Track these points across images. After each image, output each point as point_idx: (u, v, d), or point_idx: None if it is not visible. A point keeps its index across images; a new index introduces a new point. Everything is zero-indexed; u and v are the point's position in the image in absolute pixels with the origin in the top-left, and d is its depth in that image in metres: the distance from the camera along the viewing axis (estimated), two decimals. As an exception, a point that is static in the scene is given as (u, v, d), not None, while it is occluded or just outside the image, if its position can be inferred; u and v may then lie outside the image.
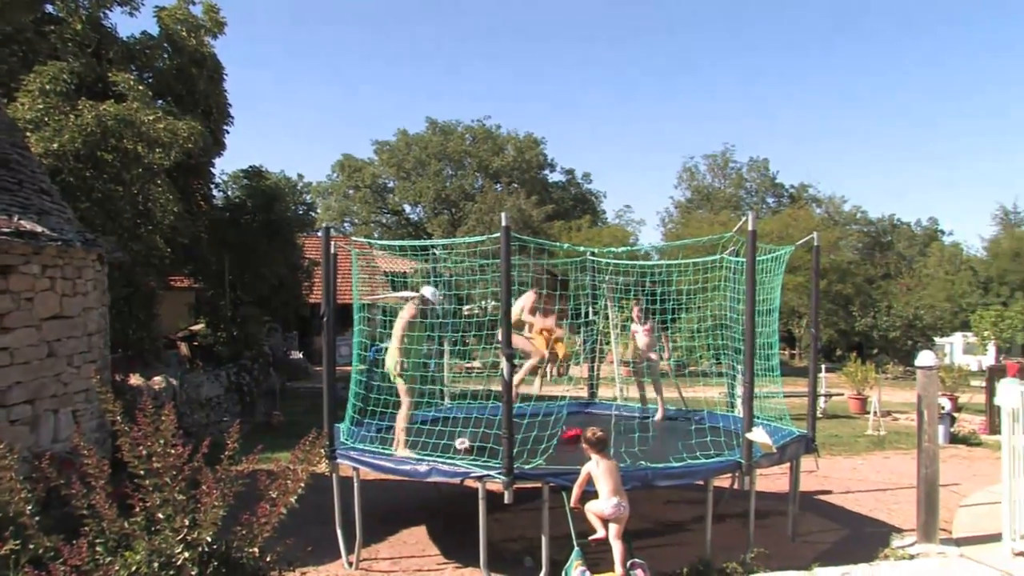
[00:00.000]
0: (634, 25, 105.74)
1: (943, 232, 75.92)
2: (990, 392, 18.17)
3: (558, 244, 14.04)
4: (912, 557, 7.99)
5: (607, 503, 7.04)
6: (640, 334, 11.43)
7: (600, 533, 7.12)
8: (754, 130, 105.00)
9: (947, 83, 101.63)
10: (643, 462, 8.18)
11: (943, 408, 16.36)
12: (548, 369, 10.61)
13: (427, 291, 9.20)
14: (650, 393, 11.77)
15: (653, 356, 11.44)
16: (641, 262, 12.75)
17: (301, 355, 29.49)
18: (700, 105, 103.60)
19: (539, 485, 7.60)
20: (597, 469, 7.14)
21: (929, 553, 8.04)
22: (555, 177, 63.67)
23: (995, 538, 7.99)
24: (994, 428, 16.42)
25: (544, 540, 7.46)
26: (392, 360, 8.82)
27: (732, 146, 72.65)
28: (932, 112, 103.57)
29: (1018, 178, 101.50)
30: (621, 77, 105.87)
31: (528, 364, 10.15)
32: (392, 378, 8.94)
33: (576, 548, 6.96)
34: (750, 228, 8.02)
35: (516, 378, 9.45)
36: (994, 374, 19.03)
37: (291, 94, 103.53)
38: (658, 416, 11.38)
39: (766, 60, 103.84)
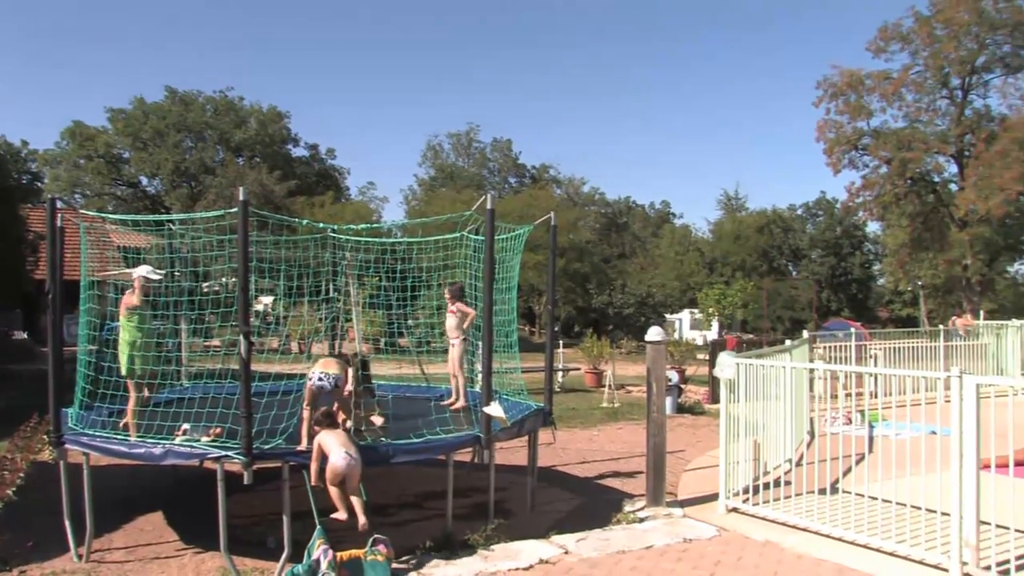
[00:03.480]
0: (383, 4, 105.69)
1: (674, 215, 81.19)
2: (712, 364, 19.51)
3: (299, 220, 13.86)
4: (642, 520, 8.51)
5: (337, 455, 7.11)
6: (449, 316, 10.58)
7: (342, 514, 7.15)
8: (498, 111, 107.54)
9: (678, 75, 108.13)
10: (383, 438, 8.27)
11: (671, 380, 17.51)
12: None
13: (143, 270, 8.81)
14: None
15: (455, 339, 10.62)
16: (384, 239, 12.75)
17: (26, 335, 27.73)
18: (446, 84, 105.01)
19: (279, 464, 7.55)
20: (327, 438, 7.25)
21: (657, 515, 8.60)
22: (299, 152, 62.75)
23: (714, 497, 8.67)
24: (715, 398, 17.62)
25: (285, 520, 7.40)
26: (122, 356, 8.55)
27: (477, 126, 73.95)
28: (665, 101, 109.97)
29: (740, 165, 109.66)
30: (368, 54, 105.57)
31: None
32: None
33: (319, 527, 6.94)
34: (489, 207, 8.26)
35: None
36: (716, 348, 20.47)
37: (12, 50, 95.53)
38: (456, 403, 10.60)
39: (514, 45, 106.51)
